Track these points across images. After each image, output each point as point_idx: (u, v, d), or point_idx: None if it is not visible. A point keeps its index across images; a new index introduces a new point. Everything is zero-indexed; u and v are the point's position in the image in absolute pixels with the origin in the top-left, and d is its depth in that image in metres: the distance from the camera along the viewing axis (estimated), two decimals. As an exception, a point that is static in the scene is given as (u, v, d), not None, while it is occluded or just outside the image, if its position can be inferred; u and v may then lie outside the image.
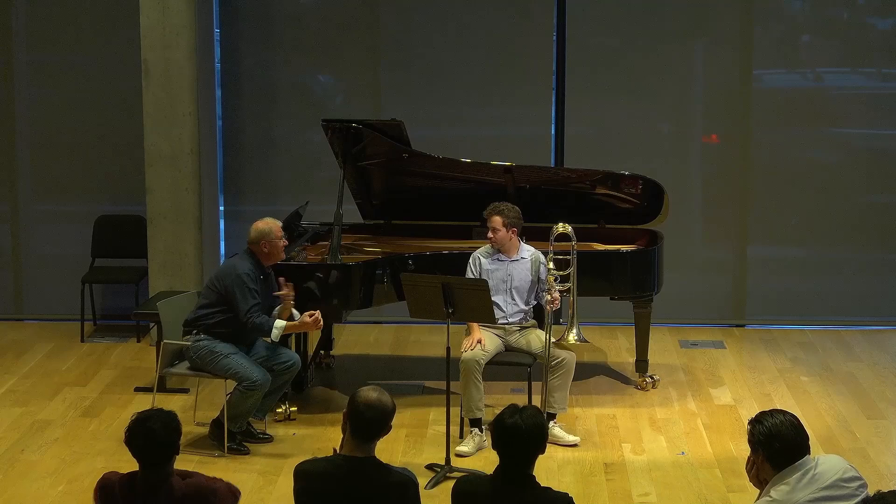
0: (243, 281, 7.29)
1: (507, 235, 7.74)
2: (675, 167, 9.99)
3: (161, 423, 4.65)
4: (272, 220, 7.49)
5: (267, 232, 7.41)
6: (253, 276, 7.34)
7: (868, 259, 10.19)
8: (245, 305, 7.29)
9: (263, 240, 7.40)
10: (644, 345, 8.55)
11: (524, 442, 4.53)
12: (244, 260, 7.42)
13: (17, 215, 10.25)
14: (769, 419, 4.62)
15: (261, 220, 7.48)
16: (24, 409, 8.20)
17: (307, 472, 4.71)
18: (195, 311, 7.50)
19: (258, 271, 7.40)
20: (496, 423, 4.61)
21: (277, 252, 7.45)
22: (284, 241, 7.51)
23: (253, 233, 7.44)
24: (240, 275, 7.32)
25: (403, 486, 4.66)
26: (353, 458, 4.65)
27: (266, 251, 7.42)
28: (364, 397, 4.67)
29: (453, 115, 10.15)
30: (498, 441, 4.58)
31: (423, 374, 8.80)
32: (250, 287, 7.30)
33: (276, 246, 7.43)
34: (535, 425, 4.57)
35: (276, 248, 7.44)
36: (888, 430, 7.91)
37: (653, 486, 7.02)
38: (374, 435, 4.67)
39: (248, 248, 7.46)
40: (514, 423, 4.54)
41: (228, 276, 7.37)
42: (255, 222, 7.48)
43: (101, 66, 10.00)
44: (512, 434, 4.53)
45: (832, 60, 10.08)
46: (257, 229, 7.43)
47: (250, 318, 7.29)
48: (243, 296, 7.30)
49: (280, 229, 7.46)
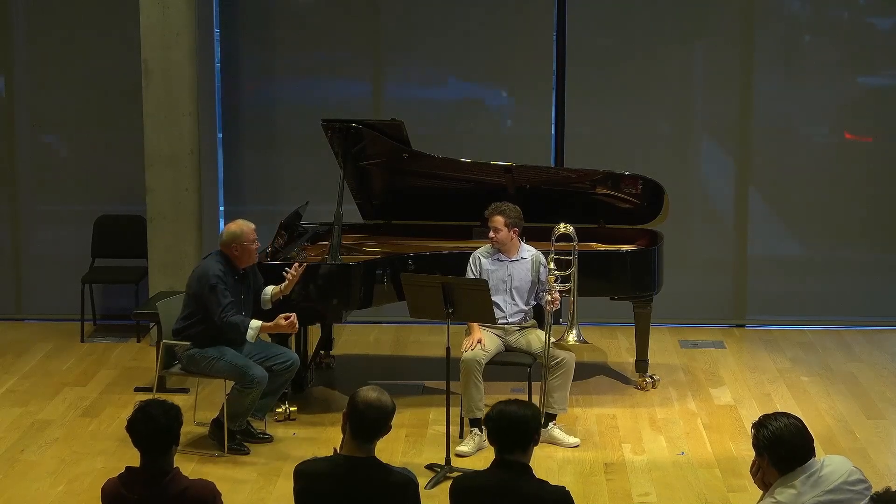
0: (213, 282, 7.22)
1: (509, 235, 7.74)
2: (675, 167, 9.99)
3: (162, 409, 4.70)
4: (244, 222, 7.42)
5: (238, 235, 7.34)
6: (224, 276, 7.27)
7: (868, 259, 10.20)
8: (217, 306, 7.22)
9: (234, 242, 7.34)
10: (644, 345, 8.55)
11: (516, 425, 4.61)
12: (215, 261, 7.34)
13: (17, 215, 10.25)
14: (773, 423, 4.59)
15: (233, 222, 7.42)
16: (24, 409, 8.20)
17: (307, 472, 4.71)
18: (179, 322, 7.46)
19: (231, 272, 7.35)
20: (489, 412, 4.72)
21: (249, 255, 7.38)
22: (256, 243, 7.44)
23: (224, 235, 7.39)
24: (209, 276, 7.25)
25: (404, 485, 4.66)
26: (353, 459, 4.65)
27: (237, 254, 7.35)
28: (364, 397, 4.68)
29: (453, 114, 10.15)
30: (492, 428, 4.66)
31: (423, 374, 8.80)
32: (220, 287, 7.22)
33: (248, 249, 7.36)
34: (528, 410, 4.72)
35: (247, 251, 7.37)
36: (888, 430, 7.91)
37: (653, 486, 7.02)
38: (374, 435, 4.67)
39: (220, 250, 7.40)
40: (504, 409, 4.68)
41: (199, 280, 7.31)
42: (228, 224, 7.43)
43: (101, 67, 10.00)
44: (502, 417, 4.64)
45: (832, 60, 10.08)
46: (229, 231, 7.37)
47: (224, 318, 7.21)
48: (215, 296, 7.22)
49: (252, 232, 7.39)
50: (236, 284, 7.37)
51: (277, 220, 8.23)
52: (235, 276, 7.38)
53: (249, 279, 7.49)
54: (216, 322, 7.25)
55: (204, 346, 7.35)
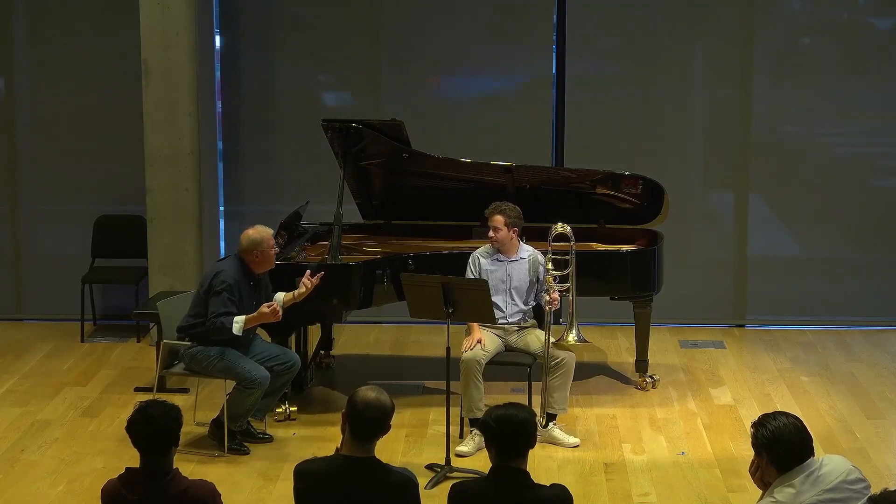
0: (220, 288, 7.20)
1: (508, 235, 7.74)
2: (675, 167, 9.98)
3: (162, 410, 4.70)
4: (263, 228, 7.40)
5: (259, 241, 7.32)
6: (236, 284, 7.25)
7: (868, 259, 10.19)
8: (216, 309, 7.20)
9: (256, 249, 7.32)
10: (644, 345, 8.55)
11: (518, 429, 4.59)
12: (232, 266, 7.33)
13: (17, 215, 10.25)
14: (772, 422, 4.59)
15: (252, 229, 7.38)
16: (24, 409, 8.20)
17: (307, 472, 4.71)
18: (186, 319, 7.44)
19: (246, 278, 7.34)
20: (484, 417, 4.72)
21: (269, 261, 7.38)
22: (276, 248, 7.46)
23: (244, 242, 7.35)
24: (223, 281, 7.23)
25: (403, 485, 4.66)
26: (352, 459, 4.65)
27: (258, 260, 7.35)
28: (363, 397, 4.67)
29: (453, 114, 10.15)
30: (493, 434, 4.62)
31: (423, 374, 8.80)
32: (226, 295, 7.20)
33: (268, 255, 7.36)
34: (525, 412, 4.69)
35: (268, 258, 7.36)
36: (888, 430, 7.91)
37: (653, 486, 7.02)
38: (374, 435, 4.67)
39: (239, 255, 7.39)
40: (504, 414, 4.64)
41: (212, 278, 7.30)
42: (246, 230, 7.38)
43: (101, 66, 10.00)
44: (502, 422, 4.60)
45: (832, 60, 10.08)
46: (249, 238, 7.34)
47: (216, 320, 7.18)
48: (220, 300, 7.21)
49: (272, 238, 7.39)
50: (251, 290, 7.36)
51: (277, 220, 8.22)
52: (251, 282, 7.37)
53: (263, 285, 7.48)
54: (207, 320, 7.24)
55: (207, 346, 7.36)
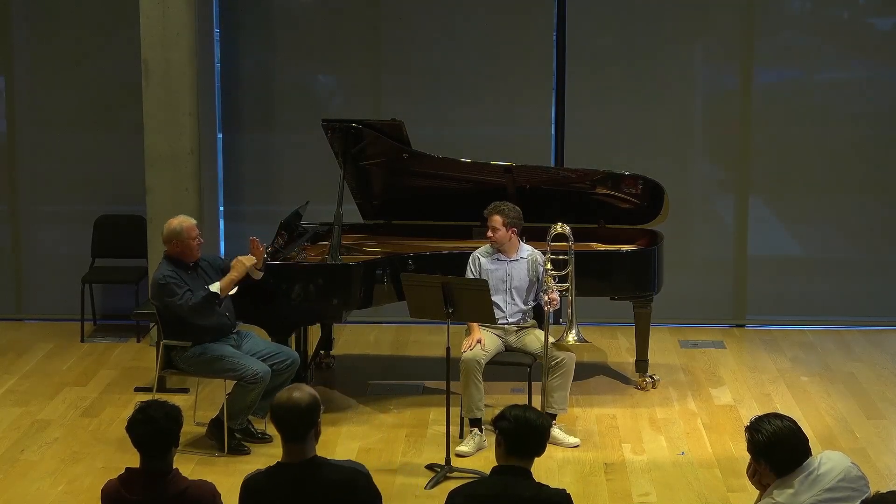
0: (162, 282, 7.25)
1: (507, 235, 7.74)
2: (675, 167, 9.99)
3: (162, 411, 4.70)
4: (185, 218, 7.44)
5: (178, 231, 7.36)
6: (174, 274, 7.27)
7: (868, 259, 10.19)
8: (177, 299, 7.23)
9: (175, 239, 7.36)
10: (644, 345, 8.55)
11: (536, 434, 4.57)
12: (160, 268, 7.37)
13: (17, 215, 10.25)
14: (767, 426, 4.57)
15: (175, 218, 7.43)
16: (24, 409, 8.20)
17: (251, 488, 4.63)
18: (168, 337, 7.45)
19: (183, 268, 7.36)
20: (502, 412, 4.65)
21: (189, 251, 7.37)
22: (200, 239, 7.45)
23: (164, 231, 7.40)
24: (162, 276, 7.27)
25: (351, 479, 4.56)
26: (289, 465, 4.56)
27: (178, 250, 7.37)
28: (276, 400, 4.60)
29: (454, 114, 10.15)
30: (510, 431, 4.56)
31: (423, 374, 8.80)
32: (171, 282, 7.23)
33: (188, 245, 7.35)
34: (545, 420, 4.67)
35: (188, 248, 7.35)
36: (888, 430, 7.91)
37: (653, 486, 7.02)
38: (302, 434, 4.56)
39: (165, 253, 7.42)
40: (524, 415, 4.60)
41: (153, 289, 7.37)
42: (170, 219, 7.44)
43: (101, 67, 10.00)
44: (520, 422, 4.57)
45: (832, 60, 10.08)
46: (169, 228, 7.38)
47: (187, 302, 7.21)
48: (169, 292, 7.24)
49: (194, 228, 7.40)
50: (193, 276, 7.39)
51: (277, 220, 8.22)
52: (188, 271, 7.40)
53: (200, 272, 7.47)
54: (185, 313, 7.24)
55: (204, 345, 7.36)
